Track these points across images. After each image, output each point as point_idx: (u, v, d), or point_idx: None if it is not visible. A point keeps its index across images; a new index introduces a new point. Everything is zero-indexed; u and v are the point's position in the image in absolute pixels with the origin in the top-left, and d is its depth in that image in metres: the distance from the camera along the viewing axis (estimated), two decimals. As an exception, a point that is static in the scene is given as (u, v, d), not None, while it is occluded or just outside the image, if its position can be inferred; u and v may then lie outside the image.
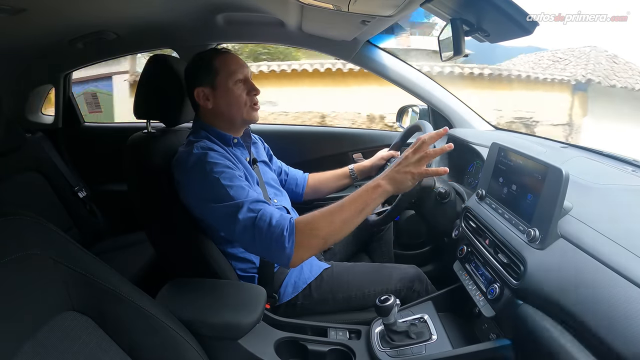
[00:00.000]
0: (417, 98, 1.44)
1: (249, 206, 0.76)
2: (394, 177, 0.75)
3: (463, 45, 0.93)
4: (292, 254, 0.72)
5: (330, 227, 0.74)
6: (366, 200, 0.75)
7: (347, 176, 1.24)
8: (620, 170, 0.85)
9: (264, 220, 0.74)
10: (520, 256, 0.65)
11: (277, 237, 0.72)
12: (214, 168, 0.79)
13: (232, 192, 0.77)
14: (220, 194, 0.77)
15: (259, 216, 0.74)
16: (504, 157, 0.80)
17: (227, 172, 0.80)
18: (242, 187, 0.79)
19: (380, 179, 0.76)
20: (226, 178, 0.79)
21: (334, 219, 0.74)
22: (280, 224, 0.73)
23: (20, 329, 0.45)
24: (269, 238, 0.72)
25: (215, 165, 0.79)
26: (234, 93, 0.90)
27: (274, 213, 0.75)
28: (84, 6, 0.98)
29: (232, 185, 0.78)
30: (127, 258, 1.35)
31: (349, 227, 0.75)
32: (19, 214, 0.50)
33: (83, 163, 1.72)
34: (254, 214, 0.75)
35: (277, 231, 0.72)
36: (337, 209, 0.75)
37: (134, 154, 0.88)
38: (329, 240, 0.76)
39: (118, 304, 0.56)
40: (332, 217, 0.74)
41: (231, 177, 0.79)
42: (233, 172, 0.81)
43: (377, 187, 0.75)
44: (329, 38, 1.36)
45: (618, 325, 0.46)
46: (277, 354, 0.80)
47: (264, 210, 0.75)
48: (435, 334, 0.80)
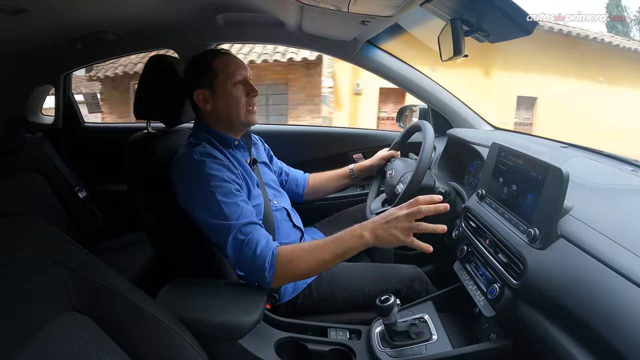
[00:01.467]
0: (417, 98, 1.44)
1: (239, 228, 0.79)
2: (379, 233, 0.74)
3: (463, 45, 0.93)
4: (271, 282, 0.78)
5: (308, 264, 0.78)
6: (347, 247, 0.76)
7: (348, 176, 1.24)
8: (620, 170, 0.85)
9: (250, 247, 0.77)
10: (520, 256, 0.65)
11: (259, 266, 0.77)
12: (211, 181, 0.80)
13: (226, 210, 0.79)
14: (214, 208, 0.79)
15: (246, 242, 0.78)
16: (504, 157, 0.80)
17: (223, 187, 0.81)
18: (237, 204, 0.81)
19: (366, 230, 0.76)
20: (222, 193, 0.80)
21: (315, 257, 0.77)
22: (263, 256, 0.77)
23: (20, 330, 0.45)
24: (251, 265, 0.77)
25: (212, 178, 0.80)
26: (232, 95, 0.90)
27: (260, 240, 0.78)
28: (84, 6, 0.98)
29: (227, 202, 0.80)
30: (127, 258, 1.35)
31: (326, 267, 0.80)
32: (19, 215, 0.50)
33: (83, 163, 1.72)
34: (243, 238, 0.78)
35: (259, 262, 0.77)
36: (319, 248, 0.78)
37: (134, 154, 0.88)
38: (306, 275, 0.81)
39: (118, 304, 0.56)
40: (314, 255, 0.77)
41: (227, 192, 0.81)
42: (230, 186, 0.82)
43: (360, 238, 0.76)
44: (329, 38, 1.36)
45: (618, 325, 0.46)
46: (277, 354, 0.80)
47: (251, 235, 0.78)
48: (435, 334, 0.80)
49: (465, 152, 1.19)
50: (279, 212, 1.01)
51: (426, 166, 0.95)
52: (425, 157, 0.94)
